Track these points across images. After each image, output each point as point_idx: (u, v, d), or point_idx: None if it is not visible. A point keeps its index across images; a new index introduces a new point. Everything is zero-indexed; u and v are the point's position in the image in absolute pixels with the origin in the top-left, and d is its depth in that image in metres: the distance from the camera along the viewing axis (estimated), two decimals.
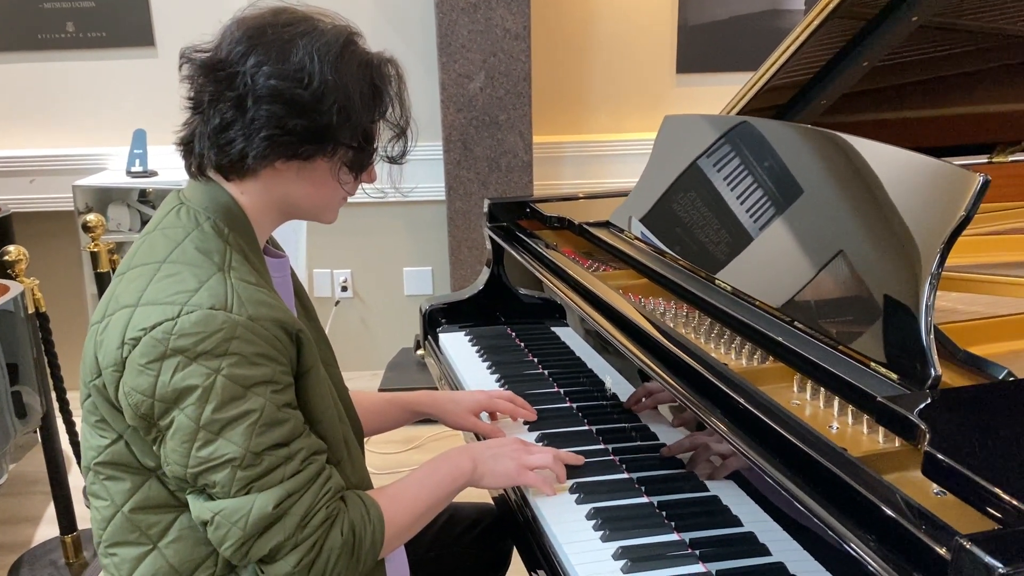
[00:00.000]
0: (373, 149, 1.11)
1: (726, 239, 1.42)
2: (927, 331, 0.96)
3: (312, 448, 1.03)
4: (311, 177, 1.09)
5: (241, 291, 0.99)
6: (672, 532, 1.15)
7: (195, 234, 1.04)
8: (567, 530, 1.16)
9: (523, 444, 1.27)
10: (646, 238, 1.62)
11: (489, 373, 1.67)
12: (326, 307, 3.39)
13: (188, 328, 0.95)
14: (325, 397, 1.08)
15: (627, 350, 1.29)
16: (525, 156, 3.14)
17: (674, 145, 1.69)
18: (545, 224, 1.90)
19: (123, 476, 1.03)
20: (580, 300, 1.48)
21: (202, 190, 1.08)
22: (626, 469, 1.31)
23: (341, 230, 3.33)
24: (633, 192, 1.75)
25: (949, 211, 0.99)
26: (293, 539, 0.99)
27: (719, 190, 1.49)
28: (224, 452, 0.96)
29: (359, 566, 1.05)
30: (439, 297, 1.99)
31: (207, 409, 0.95)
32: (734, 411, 1.05)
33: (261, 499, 0.98)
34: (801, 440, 0.93)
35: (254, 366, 0.97)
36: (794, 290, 1.22)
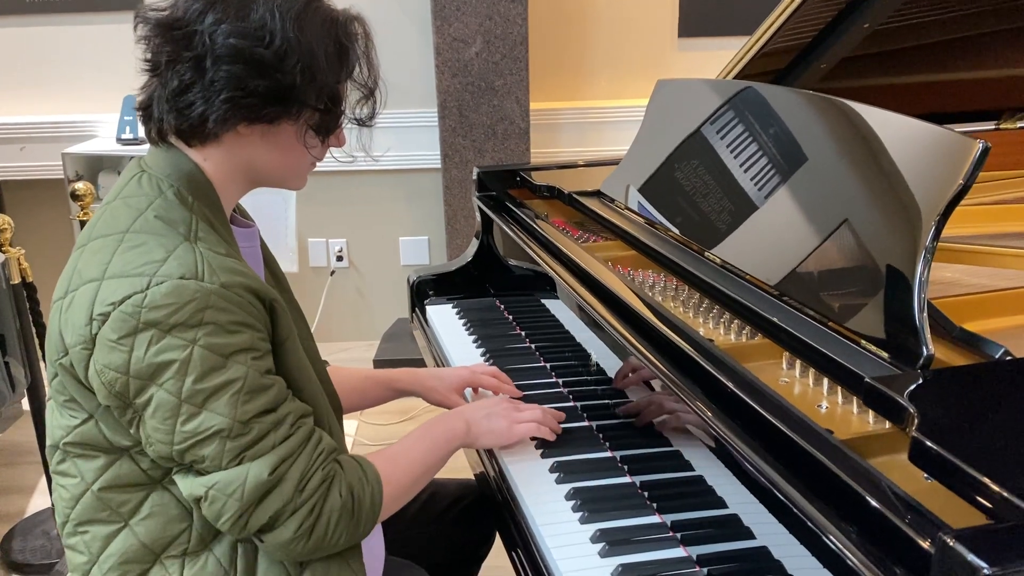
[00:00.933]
0: (340, 111, 1.06)
1: (717, 210, 1.36)
2: (920, 308, 0.91)
3: (299, 411, 1.01)
4: (276, 141, 1.04)
5: (211, 259, 0.95)
6: (653, 514, 1.11)
7: (158, 202, 0.99)
8: (545, 511, 1.13)
9: (512, 403, 1.27)
10: (636, 208, 1.57)
11: (475, 347, 1.63)
12: (321, 277, 3.35)
13: (159, 300, 0.91)
14: (305, 367, 1.05)
15: (606, 322, 1.24)
16: (522, 123, 3.07)
17: (666, 111, 1.63)
18: (535, 193, 1.84)
19: (94, 454, 1.00)
20: (563, 271, 1.44)
21: (163, 157, 1.04)
22: (609, 447, 1.27)
23: (336, 199, 3.29)
24: (624, 160, 1.69)
25: (946, 180, 0.94)
26: (292, 504, 0.97)
27: (710, 158, 1.43)
28: (211, 424, 0.93)
29: (360, 528, 1.03)
30: (427, 268, 1.95)
31: (187, 381, 0.92)
32: (711, 387, 1.01)
33: (256, 467, 0.95)
34: (779, 419, 0.89)
35: (231, 334, 0.94)
36: (784, 263, 1.17)
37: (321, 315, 3.35)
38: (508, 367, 1.52)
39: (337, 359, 3.34)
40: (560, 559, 1.04)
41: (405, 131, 3.19)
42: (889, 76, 1.77)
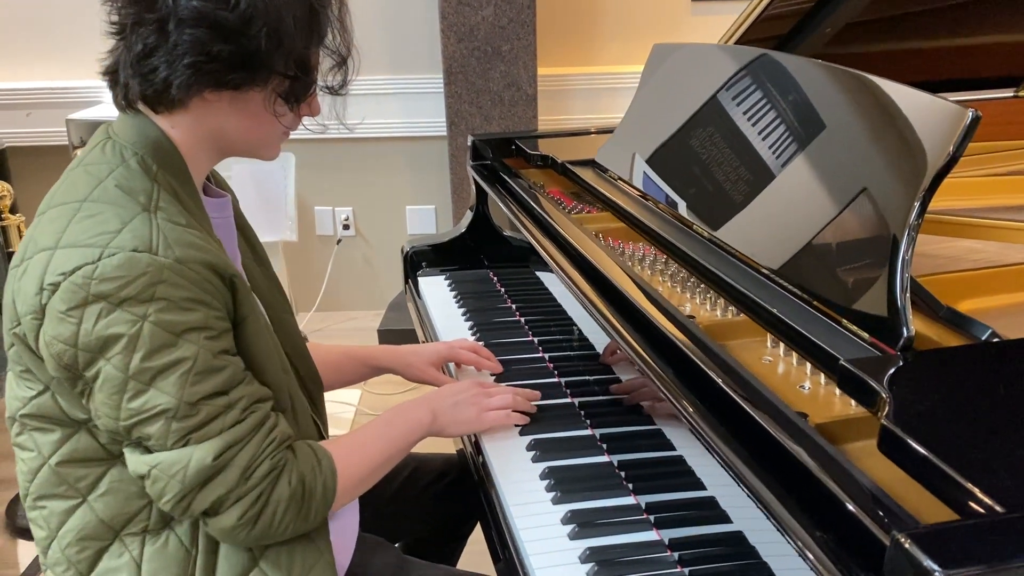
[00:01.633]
0: (311, 79, 1.02)
1: (707, 182, 1.31)
2: (902, 288, 0.87)
3: (255, 396, 0.97)
4: (245, 109, 1.00)
5: (168, 232, 0.92)
6: (628, 495, 1.08)
7: (119, 171, 0.96)
8: (517, 491, 1.10)
9: (482, 387, 1.22)
10: (628, 178, 1.52)
11: (463, 320, 1.60)
12: (328, 246, 3.33)
13: (110, 272, 0.88)
14: (267, 346, 1.01)
15: (582, 294, 1.20)
16: (529, 89, 3.01)
17: (662, 77, 1.57)
18: (530, 163, 1.80)
19: (51, 428, 0.98)
20: (548, 242, 1.39)
21: (130, 124, 1.00)
22: (590, 425, 1.23)
23: (342, 167, 3.25)
24: (618, 128, 1.64)
25: (933, 153, 0.88)
26: (236, 492, 0.94)
27: (704, 128, 1.38)
28: (157, 403, 0.90)
29: (310, 518, 1.00)
30: (422, 238, 1.91)
31: (135, 358, 0.89)
32: (679, 365, 0.97)
33: (200, 451, 0.92)
34: (745, 399, 0.85)
35: (184, 311, 0.91)
36: (771, 238, 1.12)
37: (327, 284, 3.33)
38: (493, 341, 1.49)
39: (343, 328, 3.34)
40: (528, 540, 1.01)
41: (410, 97, 3.14)
42: (900, 41, 1.69)
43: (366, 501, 1.33)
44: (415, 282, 1.83)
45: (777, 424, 0.80)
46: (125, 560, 1.00)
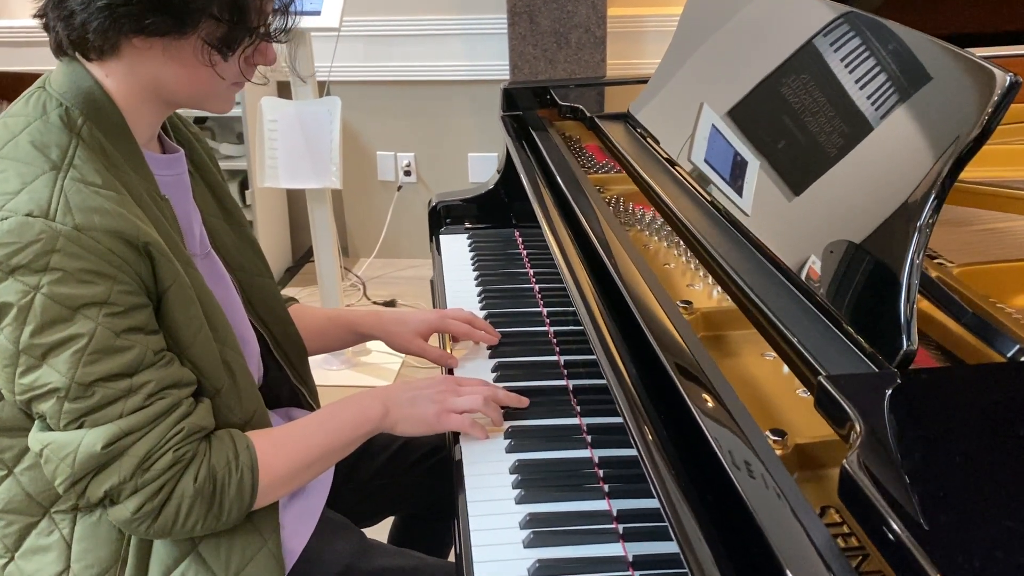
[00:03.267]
0: (249, 26, 0.92)
1: (728, 147, 1.16)
2: (907, 295, 0.71)
3: (166, 381, 0.90)
4: (178, 57, 0.92)
5: (72, 195, 0.84)
6: (601, 499, 0.97)
7: (36, 125, 0.89)
8: (481, 485, 1.01)
9: (454, 383, 1.11)
10: (657, 137, 1.37)
11: (474, 284, 1.50)
12: (389, 192, 3.27)
13: (1, 238, 0.82)
14: (194, 318, 0.93)
15: (567, 268, 1.08)
16: (598, 31, 2.83)
17: (698, 25, 1.40)
18: (561, 115, 1.66)
19: None
20: (552, 208, 1.27)
21: (64, 73, 0.94)
22: (579, 414, 1.12)
23: (404, 111, 3.16)
24: (653, 78, 1.48)
25: (956, 130, 0.71)
26: (132, 483, 0.88)
27: (739, 85, 1.21)
28: (48, 381, 0.85)
29: (223, 516, 0.93)
30: (449, 193, 1.81)
31: (26, 331, 0.83)
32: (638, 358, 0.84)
33: (90, 436, 0.86)
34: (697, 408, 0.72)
35: (82, 284, 0.84)
36: (782, 220, 0.97)
37: (387, 231, 3.27)
38: (497, 309, 1.39)
39: (400, 276, 3.29)
40: (477, 545, 0.92)
41: (473, 39, 3.01)
42: None
43: (349, 474, 1.27)
44: (438, 239, 1.73)
45: (719, 445, 0.67)
46: (54, 539, 0.95)
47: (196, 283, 0.95)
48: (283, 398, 1.24)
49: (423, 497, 1.34)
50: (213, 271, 1.09)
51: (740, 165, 1.09)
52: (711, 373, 0.79)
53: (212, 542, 0.96)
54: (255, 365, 1.14)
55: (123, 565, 0.97)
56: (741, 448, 0.68)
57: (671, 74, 1.43)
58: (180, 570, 0.96)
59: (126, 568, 0.96)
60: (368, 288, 3.13)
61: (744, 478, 0.65)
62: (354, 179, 3.26)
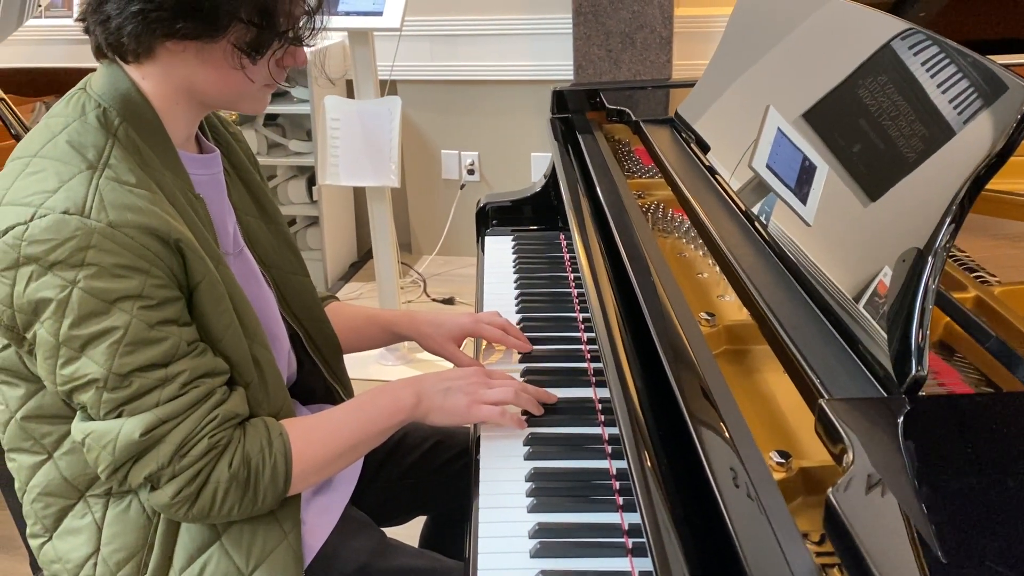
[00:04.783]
0: (279, 30, 0.94)
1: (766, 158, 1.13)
2: (920, 320, 0.68)
3: (200, 370, 0.93)
4: (210, 60, 0.94)
5: (107, 193, 0.88)
6: (614, 511, 0.96)
7: (75, 125, 0.93)
8: (496, 491, 1.00)
9: (485, 375, 1.11)
10: (700, 143, 1.34)
11: (513, 287, 1.50)
12: (452, 190, 3.29)
13: (39, 234, 0.85)
14: (224, 313, 0.96)
15: (591, 276, 1.07)
16: (664, 31, 2.79)
17: (749, 28, 1.36)
18: (609, 118, 1.64)
19: (16, 382, 0.98)
20: (586, 213, 1.26)
21: (104, 75, 0.97)
22: (603, 423, 1.11)
23: (469, 110, 3.18)
24: (699, 82, 1.45)
25: (978, 145, 0.68)
26: (170, 469, 0.91)
27: (787, 94, 1.18)
28: (87, 372, 0.88)
29: (259, 501, 0.96)
30: (498, 194, 1.81)
31: (65, 324, 0.87)
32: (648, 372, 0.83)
33: (129, 424, 0.89)
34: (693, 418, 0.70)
35: (117, 278, 0.87)
36: (844, 234, 0.94)
37: (449, 229, 3.30)
38: (532, 314, 1.38)
39: (460, 274, 3.31)
40: (484, 552, 0.92)
41: (538, 39, 3.00)
42: None
43: (375, 474, 1.28)
44: (483, 240, 1.74)
45: (711, 465, 0.65)
46: (87, 521, 0.99)
47: (227, 280, 0.98)
48: (318, 394, 1.26)
49: (451, 499, 1.34)
50: (246, 269, 1.11)
51: (807, 171, 1.06)
52: (717, 389, 0.77)
53: (235, 533, 0.99)
54: (285, 361, 1.16)
55: (149, 550, 1.00)
56: (736, 473, 0.66)
57: (720, 78, 1.40)
58: (203, 558, 0.99)
59: (152, 553, 1.00)
60: (428, 285, 3.16)
61: (732, 499, 0.63)
62: (418, 177, 3.30)
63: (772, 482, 0.66)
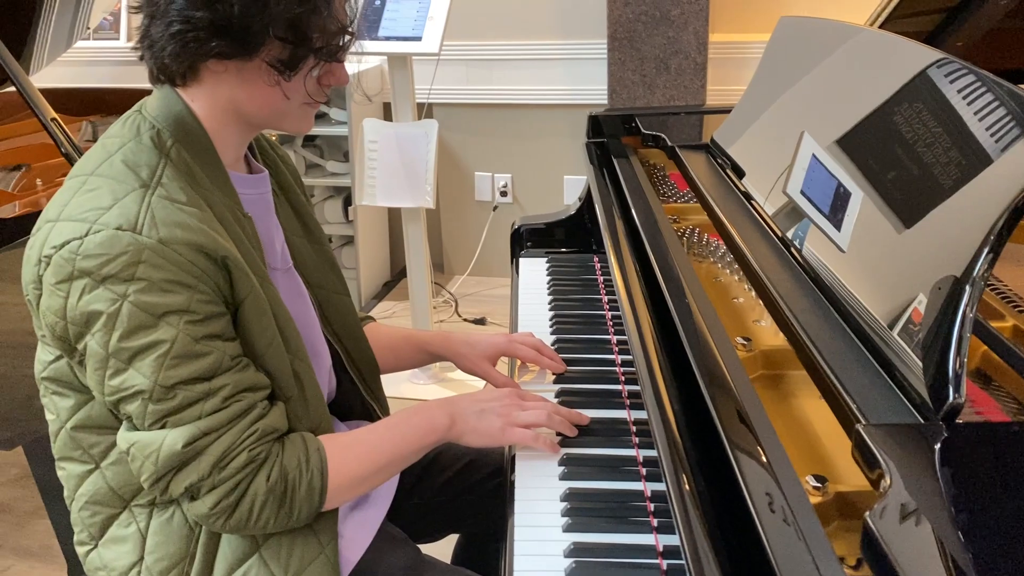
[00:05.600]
0: (312, 47, 0.96)
1: (802, 185, 1.14)
2: (958, 348, 0.69)
3: (243, 384, 0.95)
4: (250, 79, 0.97)
5: (158, 211, 0.91)
6: (649, 533, 0.97)
7: (129, 145, 0.97)
8: (531, 510, 1.02)
9: (518, 397, 1.12)
10: (736, 169, 1.36)
11: (547, 308, 1.51)
12: (485, 211, 3.32)
13: (93, 249, 0.89)
14: (267, 329, 0.98)
15: (628, 301, 1.08)
16: (699, 57, 2.81)
17: (786, 57, 1.38)
18: (645, 143, 1.66)
19: (67, 393, 1.01)
20: (622, 237, 1.27)
21: (158, 97, 1.01)
22: (637, 445, 1.12)
23: (503, 133, 3.22)
24: (735, 109, 1.47)
25: (1015, 176, 0.69)
26: (210, 480, 0.94)
27: (823, 122, 1.19)
28: (134, 383, 0.91)
29: (294, 515, 0.98)
30: (533, 216, 1.83)
31: (114, 336, 0.90)
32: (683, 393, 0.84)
33: (172, 436, 0.92)
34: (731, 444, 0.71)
35: (165, 293, 0.90)
36: (878, 260, 0.95)
37: (482, 250, 3.33)
38: (566, 335, 1.40)
39: (491, 295, 3.33)
40: (520, 570, 0.93)
41: (573, 64, 3.04)
42: None
43: (411, 491, 1.30)
44: (517, 261, 1.76)
45: (749, 489, 0.66)
46: (132, 531, 1.02)
47: (271, 297, 1.01)
48: (355, 411, 1.28)
49: (484, 518, 1.35)
50: (293, 286, 1.14)
51: (842, 198, 1.07)
52: (754, 413, 0.78)
53: (274, 545, 1.01)
54: (326, 378, 1.19)
55: (191, 561, 1.02)
56: (774, 497, 0.67)
57: (756, 105, 1.42)
58: (243, 569, 1.02)
59: (194, 564, 1.02)
60: (460, 305, 3.18)
61: (770, 522, 0.64)
62: (452, 198, 3.33)
63: (809, 506, 0.67)
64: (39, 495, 2.38)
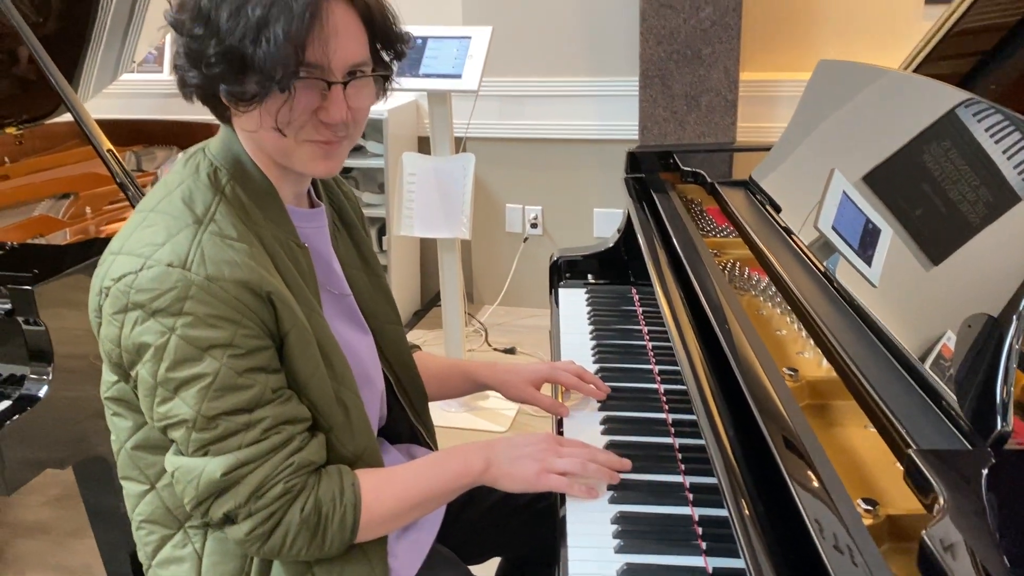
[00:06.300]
0: (264, 75, 0.93)
1: (845, 222, 1.18)
2: (1004, 378, 0.73)
3: (282, 417, 0.99)
4: (244, 118, 1.00)
5: (208, 248, 0.95)
6: (698, 555, 1.00)
7: (188, 183, 1.02)
8: (583, 531, 1.05)
9: (555, 443, 1.13)
10: (776, 206, 1.40)
11: (589, 338, 1.56)
12: (515, 242, 3.38)
13: (145, 284, 0.94)
14: (311, 359, 1.02)
15: (678, 333, 1.12)
16: (729, 95, 2.87)
17: (824, 98, 1.43)
18: (684, 179, 1.71)
19: (126, 414, 1.05)
20: (667, 270, 1.32)
21: (221, 136, 1.07)
22: (684, 472, 1.16)
23: (534, 167, 3.29)
24: (775, 148, 1.52)
25: None
26: (247, 508, 0.97)
27: (862, 164, 1.24)
28: (179, 412, 0.95)
29: (325, 546, 1.01)
30: (570, 249, 1.88)
31: (162, 367, 0.94)
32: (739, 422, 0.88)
33: (212, 464, 0.96)
34: (790, 476, 0.75)
35: (210, 328, 0.94)
36: (909, 295, 0.99)
37: (511, 281, 3.38)
38: (609, 364, 1.44)
39: (521, 325, 3.38)
40: None
41: (605, 100, 3.11)
42: None
43: (459, 512, 1.34)
44: (557, 292, 1.81)
45: (810, 517, 0.70)
46: (188, 551, 1.06)
47: (318, 328, 1.04)
48: (403, 435, 1.33)
49: (526, 541, 1.39)
50: (352, 315, 1.19)
51: (872, 234, 1.11)
52: (808, 440, 0.82)
53: (325, 566, 1.04)
54: (378, 404, 1.23)
55: None
56: (831, 520, 0.71)
57: (795, 144, 1.47)
58: None
59: None
60: (489, 335, 3.23)
61: (831, 549, 0.68)
62: (482, 229, 3.40)
63: (864, 530, 0.71)
64: (78, 515, 2.44)
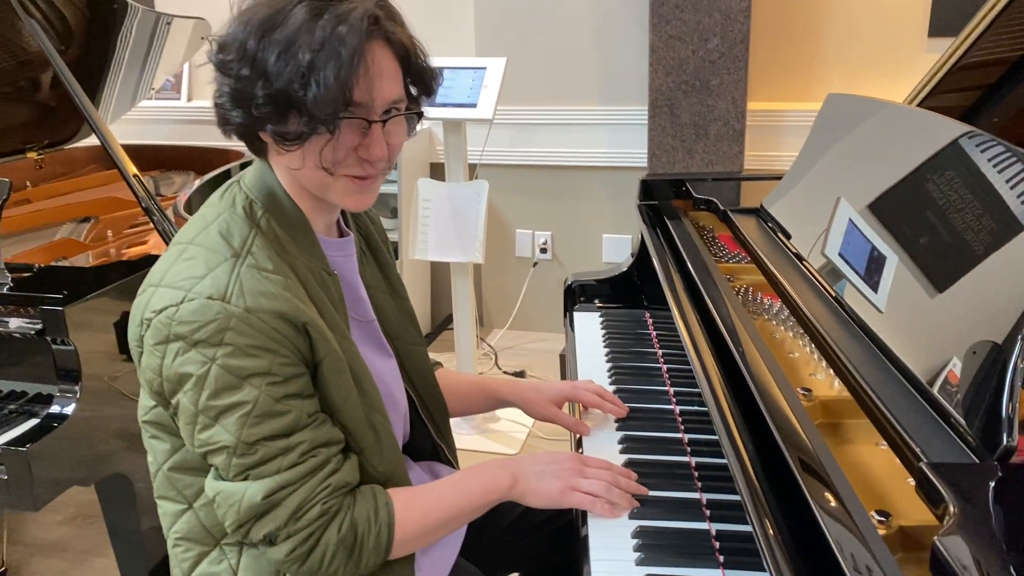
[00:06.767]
0: (312, 116, 0.96)
1: (854, 249, 1.23)
2: (1010, 395, 0.77)
3: (318, 441, 1.02)
4: (284, 153, 1.03)
5: (246, 280, 0.99)
6: (716, 568, 1.04)
7: (224, 216, 1.05)
8: (604, 546, 1.09)
9: (580, 462, 1.16)
10: (787, 232, 1.45)
11: (604, 360, 1.60)
12: (524, 267, 3.43)
13: (187, 316, 0.97)
14: (343, 384, 1.06)
15: (695, 353, 1.17)
16: (737, 124, 2.94)
17: (833, 130, 1.49)
18: (696, 206, 1.76)
19: (163, 437, 1.09)
20: (683, 294, 1.37)
21: (256, 169, 1.10)
22: (700, 489, 1.20)
23: (544, 192, 3.35)
24: (786, 177, 1.57)
25: None
26: (286, 530, 1.01)
27: (870, 195, 1.29)
28: (219, 439, 0.99)
29: (361, 565, 1.04)
30: (584, 273, 1.93)
31: (203, 396, 0.98)
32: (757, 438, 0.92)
33: (253, 488, 1.00)
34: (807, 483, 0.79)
35: (250, 357, 0.97)
36: (914, 319, 1.03)
37: (521, 305, 3.43)
38: (625, 385, 1.48)
39: (531, 348, 3.43)
40: None
41: (615, 128, 3.17)
42: None
43: (481, 528, 1.37)
44: (572, 315, 1.85)
45: (830, 532, 0.74)
46: (224, 567, 1.09)
47: (349, 354, 1.08)
48: (426, 453, 1.36)
49: (545, 557, 1.43)
50: (376, 339, 1.23)
51: (877, 261, 1.16)
52: (825, 457, 0.86)
53: None
54: (401, 423, 1.26)
55: None
56: (851, 537, 0.75)
57: (805, 173, 1.52)
58: None
59: None
60: (499, 358, 3.27)
61: (849, 556, 0.72)
62: (493, 254, 3.45)
63: (881, 541, 0.75)
64: (95, 534, 2.47)
